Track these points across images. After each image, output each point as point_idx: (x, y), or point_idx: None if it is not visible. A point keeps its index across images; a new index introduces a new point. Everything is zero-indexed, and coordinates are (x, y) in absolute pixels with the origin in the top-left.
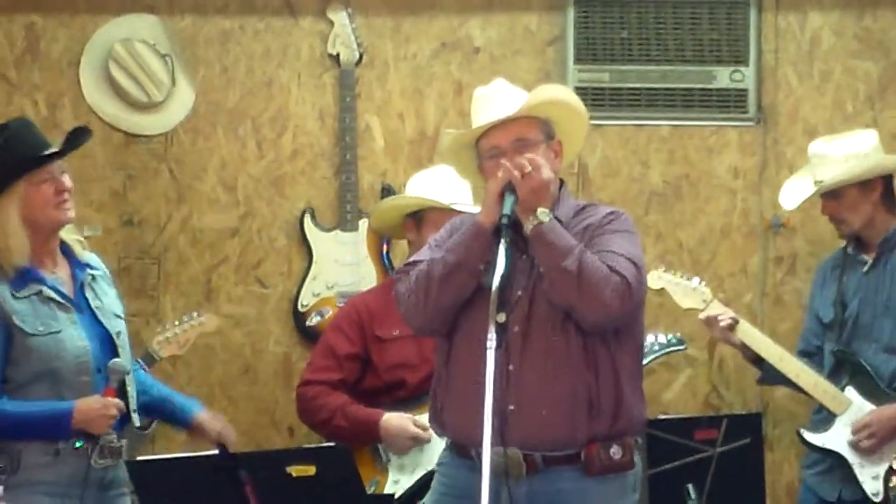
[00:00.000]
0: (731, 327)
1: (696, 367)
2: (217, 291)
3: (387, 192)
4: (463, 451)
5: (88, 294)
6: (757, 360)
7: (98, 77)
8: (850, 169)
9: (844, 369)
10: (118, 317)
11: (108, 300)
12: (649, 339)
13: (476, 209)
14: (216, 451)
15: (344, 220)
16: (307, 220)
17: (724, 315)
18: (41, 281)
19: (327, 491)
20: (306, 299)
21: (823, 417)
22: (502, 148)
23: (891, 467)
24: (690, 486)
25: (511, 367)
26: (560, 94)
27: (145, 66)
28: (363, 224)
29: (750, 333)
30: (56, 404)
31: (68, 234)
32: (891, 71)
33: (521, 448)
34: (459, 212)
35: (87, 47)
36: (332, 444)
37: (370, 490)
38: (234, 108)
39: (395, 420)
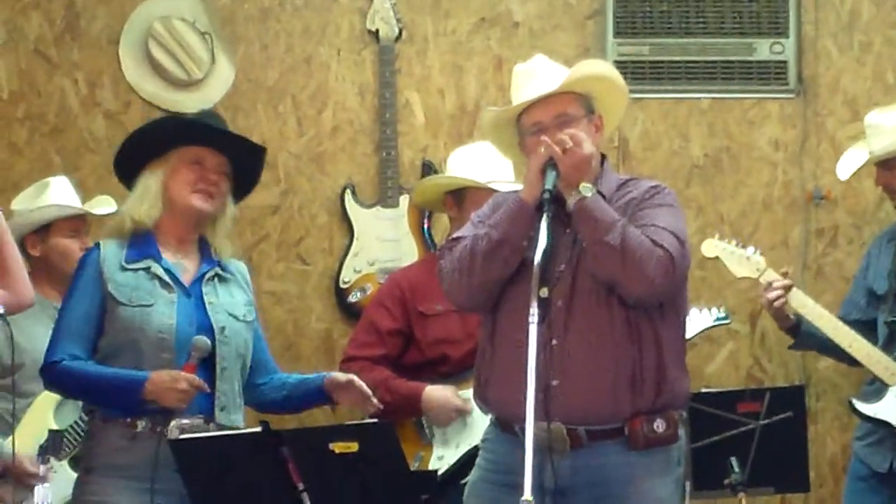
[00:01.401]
0: (785, 294)
1: (739, 340)
2: (258, 269)
3: (427, 167)
4: (507, 426)
5: (206, 287)
6: (792, 329)
7: (138, 55)
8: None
9: None
10: (233, 316)
11: (229, 300)
12: (694, 312)
13: (517, 186)
14: (258, 429)
15: (385, 197)
16: (348, 196)
17: (779, 282)
18: (157, 258)
19: (370, 467)
20: (348, 276)
21: (876, 388)
22: (544, 123)
23: None
24: (733, 460)
25: (554, 342)
26: (601, 70)
27: (185, 44)
28: (404, 200)
29: (804, 302)
30: (132, 372)
31: (217, 238)
32: None
33: (565, 423)
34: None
35: (127, 26)
36: (374, 420)
37: (414, 465)
38: (274, 86)
39: (437, 392)
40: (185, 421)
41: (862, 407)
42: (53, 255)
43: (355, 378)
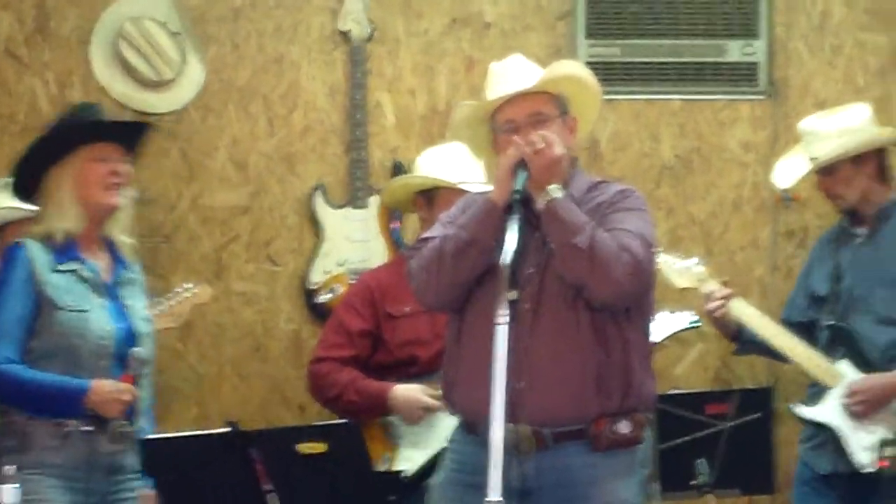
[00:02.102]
0: (725, 304)
1: (707, 341)
2: (228, 269)
3: (398, 168)
4: (473, 428)
5: (122, 291)
6: (735, 336)
7: (108, 55)
8: (842, 144)
9: (838, 343)
10: (145, 321)
11: (139, 304)
12: (666, 315)
13: (488, 187)
14: (226, 429)
15: (355, 197)
16: (318, 197)
17: (720, 292)
18: (81, 260)
19: (337, 468)
20: (317, 276)
21: (817, 391)
22: (518, 122)
23: (884, 438)
24: (701, 461)
25: (521, 345)
26: (576, 70)
27: (155, 44)
28: (374, 201)
29: (744, 310)
30: (73, 380)
31: (118, 233)
32: None
33: (531, 424)
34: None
35: (98, 25)
36: (342, 421)
37: (383, 466)
38: (245, 86)
39: (404, 390)
40: (115, 424)
41: (803, 411)
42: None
43: None
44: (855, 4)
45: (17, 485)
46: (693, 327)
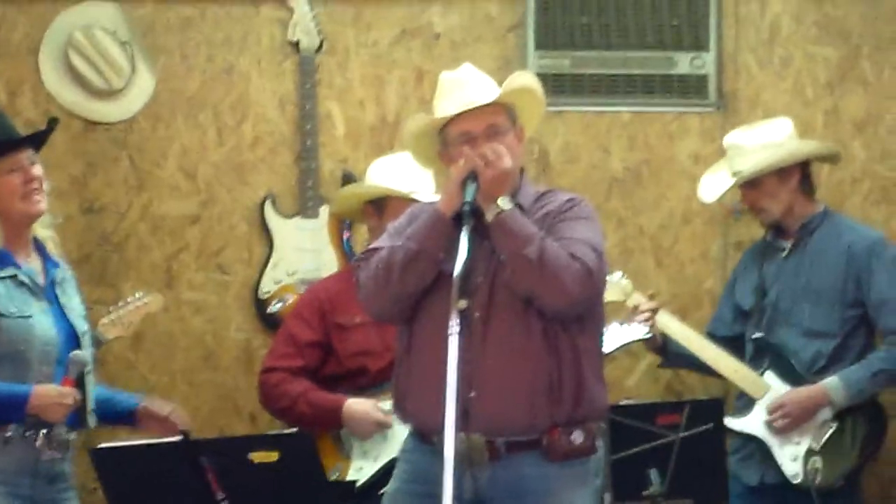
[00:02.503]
0: (652, 317)
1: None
2: (178, 278)
3: (347, 178)
4: (425, 437)
5: (58, 290)
6: (661, 349)
7: (58, 64)
8: (765, 158)
9: (764, 355)
10: (83, 318)
11: (75, 302)
12: (616, 326)
13: (436, 198)
14: (178, 438)
15: (305, 207)
16: (268, 206)
17: (646, 305)
18: (16, 266)
19: (290, 477)
20: (267, 286)
21: (744, 403)
22: (474, 133)
23: (810, 448)
24: (653, 471)
25: (472, 354)
26: (531, 82)
27: (105, 54)
28: (324, 211)
29: (670, 324)
30: (14, 386)
31: (43, 231)
32: (850, 57)
33: (484, 434)
34: (420, 200)
35: (47, 34)
36: (294, 430)
37: (333, 477)
38: (195, 96)
39: (358, 405)
40: (54, 430)
41: (731, 422)
42: None
43: (172, 414)
44: (804, 18)
45: None
46: (645, 338)
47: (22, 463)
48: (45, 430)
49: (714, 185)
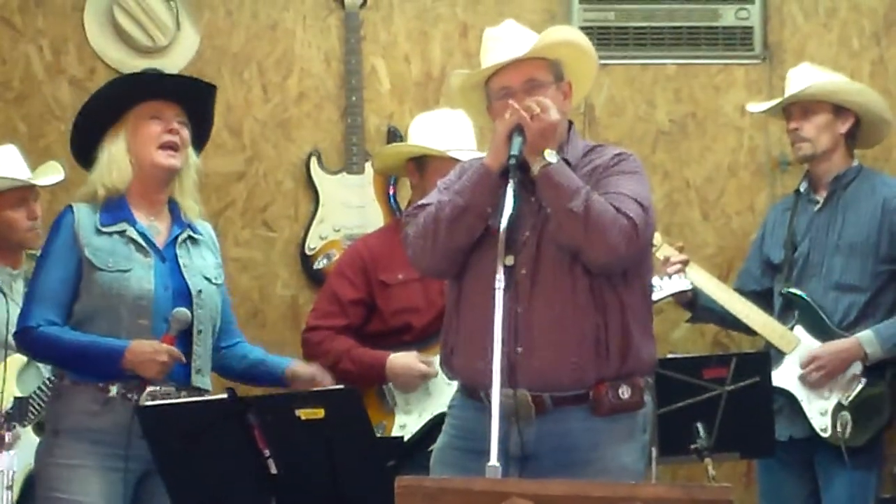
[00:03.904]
0: (683, 269)
1: None
2: (224, 235)
3: (393, 134)
4: (473, 393)
5: (180, 250)
6: (690, 304)
7: (102, 22)
8: (832, 84)
9: (793, 309)
10: (207, 279)
11: (201, 262)
12: (657, 280)
13: (477, 154)
14: (224, 395)
15: (350, 163)
16: (313, 163)
17: (677, 257)
18: (131, 222)
19: (336, 433)
20: (313, 242)
21: (772, 357)
22: (512, 88)
23: (839, 403)
24: (699, 425)
25: (519, 310)
26: (571, 36)
27: (149, 11)
28: (370, 167)
29: (699, 277)
30: (112, 340)
31: (184, 197)
32: None
33: (530, 390)
34: (458, 159)
35: None
36: (340, 386)
37: (377, 434)
38: (239, 52)
39: (401, 359)
40: (156, 389)
41: None
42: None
43: (318, 376)
44: None
45: (13, 452)
46: (679, 292)
47: (120, 423)
48: (150, 389)
49: (763, 105)
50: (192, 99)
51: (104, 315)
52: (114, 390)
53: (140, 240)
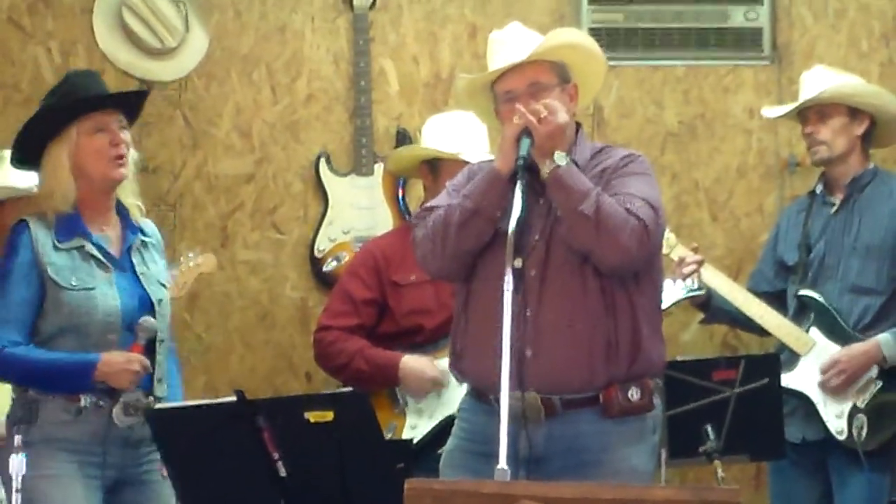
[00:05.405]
0: (698, 269)
1: None
2: (233, 238)
3: (402, 135)
4: (482, 396)
5: (135, 258)
6: (704, 304)
7: (111, 24)
8: (847, 86)
9: (808, 311)
10: (162, 285)
11: (154, 268)
12: (667, 283)
13: (491, 157)
14: (234, 398)
15: (359, 165)
16: (322, 164)
17: (692, 258)
18: (86, 236)
19: (346, 436)
20: (323, 244)
21: (787, 358)
22: (516, 92)
23: (855, 405)
24: (709, 427)
25: (528, 312)
26: (574, 38)
27: (158, 12)
28: (379, 168)
29: (713, 278)
30: (82, 355)
31: (127, 198)
32: None
33: (540, 392)
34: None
35: None
36: (349, 389)
37: (388, 435)
38: (249, 54)
39: (414, 362)
40: (130, 397)
41: None
42: (3, 233)
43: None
44: None
45: (23, 455)
46: (694, 295)
47: (95, 432)
48: (120, 398)
49: (779, 109)
50: (132, 104)
51: (71, 332)
52: (85, 400)
53: (98, 254)
